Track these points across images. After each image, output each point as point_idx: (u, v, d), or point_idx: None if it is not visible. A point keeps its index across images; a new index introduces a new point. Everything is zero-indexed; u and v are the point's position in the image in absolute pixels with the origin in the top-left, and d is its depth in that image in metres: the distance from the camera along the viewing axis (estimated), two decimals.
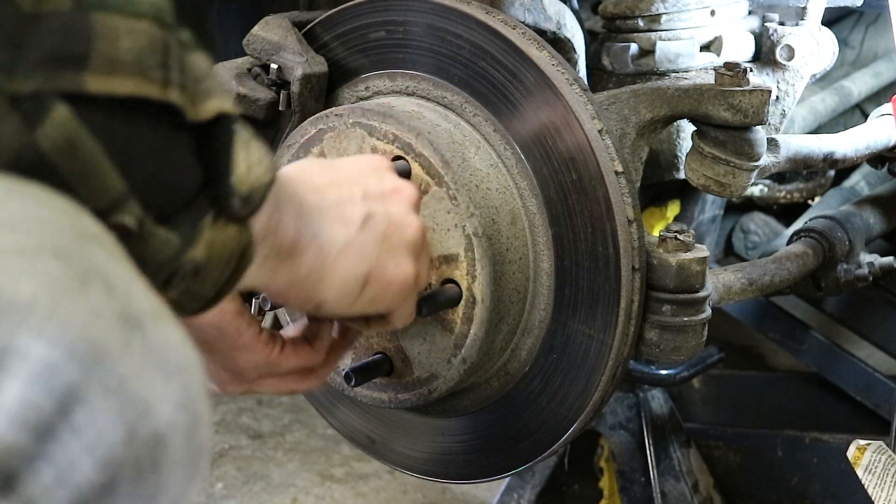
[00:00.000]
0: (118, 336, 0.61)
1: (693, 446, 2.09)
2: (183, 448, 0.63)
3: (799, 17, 1.58)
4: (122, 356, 0.61)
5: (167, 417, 0.62)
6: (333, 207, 1.06)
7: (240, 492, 2.37)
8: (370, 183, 1.12)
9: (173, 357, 0.64)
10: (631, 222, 1.27)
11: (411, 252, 1.13)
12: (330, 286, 1.05)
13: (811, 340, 2.19)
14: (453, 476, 1.46)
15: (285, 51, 1.40)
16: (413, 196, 1.16)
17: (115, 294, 0.62)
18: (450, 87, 1.34)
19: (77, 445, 0.58)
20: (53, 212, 0.64)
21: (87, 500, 0.58)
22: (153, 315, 0.64)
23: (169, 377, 0.63)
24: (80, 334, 0.59)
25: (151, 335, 0.63)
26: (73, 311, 0.60)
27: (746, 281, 1.49)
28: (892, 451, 1.47)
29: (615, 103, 1.39)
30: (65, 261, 0.61)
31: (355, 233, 1.07)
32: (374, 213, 1.10)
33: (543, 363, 1.33)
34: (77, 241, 0.63)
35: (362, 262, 1.07)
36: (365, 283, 1.08)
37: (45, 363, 0.57)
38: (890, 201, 1.83)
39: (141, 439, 0.60)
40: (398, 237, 1.11)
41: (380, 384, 1.35)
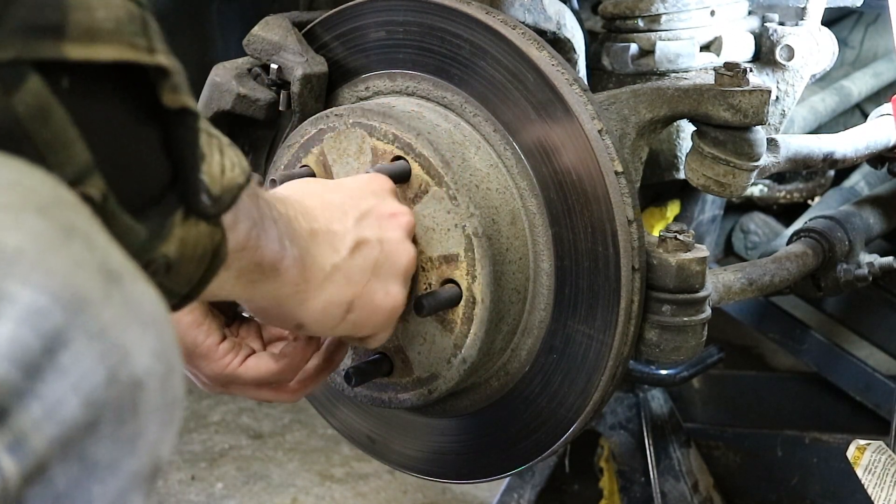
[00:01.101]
0: (99, 286, 0.64)
1: (693, 446, 2.09)
2: (159, 394, 0.66)
3: (799, 18, 1.58)
4: (103, 305, 0.64)
5: (145, 364, 0.65)
6: (324, 232, 1.07)
7: (240, 492, 2.37)
8: (367, 206, 1.13)
9: (149, 310, 0.68)
10: (631, 222, 1.27)
11: (402, 279, 1.15)
12: (312, 309, 1.06)
13: (811, 340, 2.19)
14: (453, 476, 1.46)
15: (285, 51, 1.40)
16: (409, 222, 1.18)
17: (95, 249, 0.66)
18: (450, 87, 1.34)
19: (63, 384, 0.61)
20: (34, 180, 0.67)
21: (73, 436, 0.62)
22: (130, 272, 0.68)
23: (145, 327, 0.66)
24: (64, 283, 0.62)
25: (129, 288, 0.67)
26: (58, 262, 0.63)
27: (746, 281, 1.49)
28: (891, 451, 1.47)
29: (615, 103, 1.39)
30: (48, 217, 0.64)
31: (344, 258, 1.08)
32: (367, 240, 1.11)
33: (543, 363, 1.33)
34: (58, 205, 0.66)
35: (348, 288, 1.08)
36: (349, 309, 1.09)
37: (32, 307, 0.61)
38: (890, 201, 1.83)
39: (121, 382, 0.64)
40: (390, 265, 1.13)
41: (380, 384, 1.35)
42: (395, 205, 1.18)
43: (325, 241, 1.07)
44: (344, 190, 1.15)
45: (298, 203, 1.07)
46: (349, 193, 1.14)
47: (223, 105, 1.40)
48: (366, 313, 1.11)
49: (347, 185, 1.16)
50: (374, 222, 1.13)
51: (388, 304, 1.13)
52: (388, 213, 1.15)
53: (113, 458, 0.64)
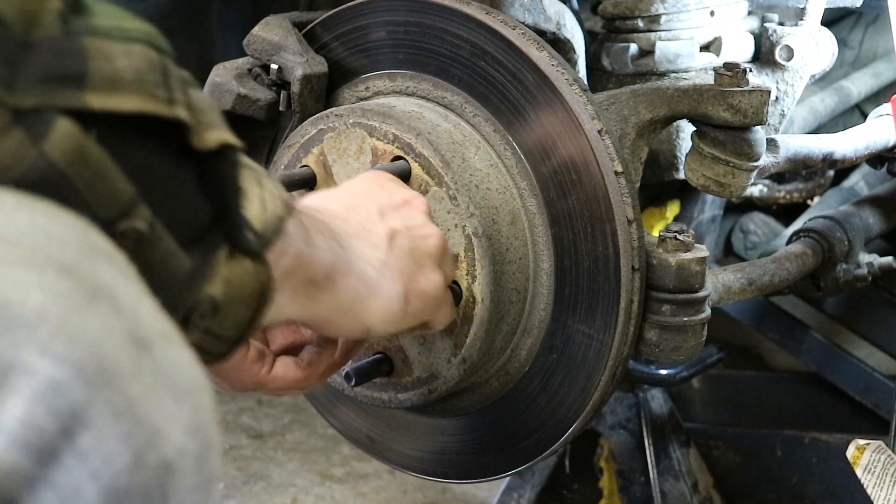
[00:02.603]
0: (127, 356, 0.58)
1: (693, 446, 2.09)
2: (193, 476, 0.60)
3: (798, 18, 1.58)
4: (132, 377, 0.58)
5: (177, 443, 0.59)
6: (360, 230, 1.06)
7: (240, 492, 2.37)
8: (382, 198, 1.13)
9: (183, 379, 0.62)
10: (630, 222, 1.27)
11: (436, 261, 1.14)
12: (375, 310, 1.05)
13: (810, 340, 2.19)
14: (453, 476, 1.46)
15: (285, 51, 1.40)
16: (424, 204, 1.17)
17: (122, 313, 0.60)
18: (450, 87, 1.34)
19: (81, 471, 0.55)
20: (61, 227, 0.62)
21: None
22: (162, 335, 0.62)
23: (179, 401, 0.60)
24: (88, 352, 0.56)
25: (160, 356, 0.61)
26: (83, 328, 0.57)
27: (746, 281, 1.49)
28: (891, 451, 1.47)
29: (615, 103, 1.39)
30: (71, 277, 0.58)
31: (386, 252, 1.07)
32: (397, 230, 1.10)
33: (543, 363, 1.33)
34: (84, 257, 0.61)
35: (399, 279, 1.08)
36: (406, 301, 1.08)
37: (50, 381, 0.55)
38: (889, 201, 1.83)
39: (149, 467, 0.58)
40: (423, 250, 1.12)
41: (380, 384, 1.35)
42: (403, 191, 1.17)
43: (364, 241, 1.06)
44: (354, 190, 1.14)
45: (327, 209, 1.06)
46: (360, 193, 1.13)
47: (223, 105, 1.40)
48: (420, 302, 1.10)
49: (354, 185, 1.16)
50: (394, 213, 1.12)
51: (431, 288, 1.12)
52: (402, 201, 1.15)
53: None
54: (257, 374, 1.13)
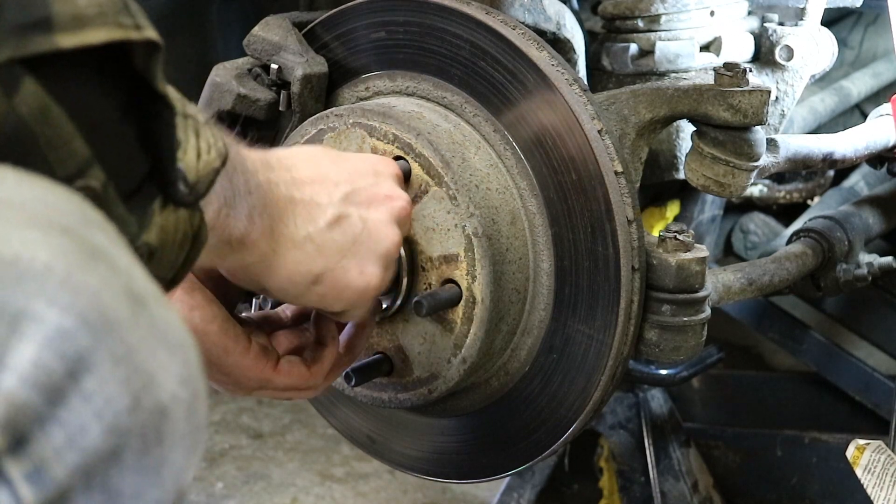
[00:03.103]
0: (126, 309, 0.63)
1: (693, 446, 2.09)
2: (184, 422, 0.65)
3: (798, 18, 1.58)
4: (130, 328, 0.62)
5: (170, 390, 0.64)
6: (306, 202, 1.06)
7: (240, 491, 2.37)
8: (360, 185, 1.12)
9: (174, 334, 0.66)
10: (630, 222, 1.27)
11: (381, 262, 1.12)
12: (276, 276, 1.06)
13: (810, 340, 2.19)
14: (453, 476, 1.46)
15: (285, 51, 1.40)
16: (402, 208, 1.16)
17: (119, 272, 0.64)
18: (450, 87, 1.34)
19: (86, 410, 0.59)
20: (59, 198, 0.66)
21: (95, 465, 0.60)
22: (154, 295, 0.67)
23: (171, 352, 0.65)
24: (91, 303, 0.61)
25: (155, 312, 0.65)
26: (85, 282, 0.61)
27: (746, 281, 1.49)
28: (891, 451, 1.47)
29: (615, 104, 1.39)
30: (72, 237, 0.63)
31: (320, 229, 1.07)
32: (349, 216, 1.09)
33: (543, 363, 1.33)
34: (82, 223, 0.65)
35: (318, 259, 1.07)
36: (315, 281, 1.08)
37: (58, 329, 0.59)
38: (889, 201, 1.83)
39: (146, 409, 0.62)
40: (370, 244, 1.11)
41: (380, 384, 1.35)
42: (393, 188, 1.16)
43: (303, 210, 1.06)
44: (345, 164, 1.14)
45: (290, 169, 1.07)
46: (349, 168, 1.13)
47: (223, 105, 1.40)
48: (335, 289, 1.09)
49: (352, 161, 1.15)
50: (363, 201, 1.12)
51: (362, 283, 1.11)
52: (383, 195, 1.14)
53: (137, 488, 0.62)
54: (262, 371, 1.13)
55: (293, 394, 1.18)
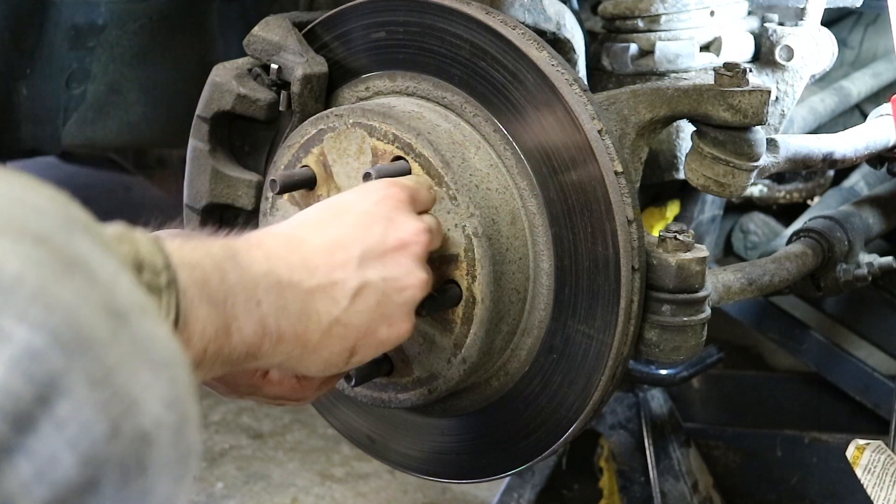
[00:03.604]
0: (104, 325, 0.58)
1: (693, 446, 2.09)
2: (170, 448, 0.60)
3: (798, 18, 1.58)
4: (109, 346, 0.57)
5: (154, 415, 0.59)
6: (325, 284, 1.02)
7: (240, 491, 2.37)
8: (373, 239, 1.08)
9: (159, 352, 0.61)
10: (630, 222, 1.27)
11: (407, 311, 1.10)
12: (312, 364, 1.03)
13: (810, 340, 2.19)
14: (453, 476, 1.46)
15: (285, 51, 1.40)
16: (420, 244, 1.11)
17: (98, 284, 0.59)
18: (450, 87, 1.34)
19: (58, 439, 0.54)
20: (40, 198, 0.61)
21: (68, 499, 0.54)
22: (138, 308, 0.61)
23: (156, 372, 0.60)
24: (65, 320, 0.56)
25: (137, 328, 0.60)
26: (59, 296, 0.56)
27: (746, 281, 1.49)
28: (891, 451, 1.47)
29: (615, 104, 1.39)
30: (48, 246, 0.57)
31: (345, 308, 1.04)
32: (369, 283, 1.06)
33: (543, 363, 1.33)
34: (61, 228, 0.60)
35: (350, 335, 1.05)
36: (352, 353, 1.06)
37: (27, 348, 0.54)
38: (889, 201, 1.83)
39: (126, 437, 0.57)
40: (394, 303, 1.08)
41: (380, 384, 1.35)
42: (404, 228, 1.11)
43: (323, 297, 1.02)
44: (352, 215, 1.09)
45: (299, 248, 1.03)
46: (356, 220, 1.08)
47: (223, 105, 1.40)
48: (371, 350, 1.08)
49: (357, 206, 1.10)
50: (377, 260, 1.08)
51: (394, 337, 1.10)
52: (395, 243, 1.09)
53: None
54: (251, 378, 1.11)
55: (284, 402, 1.17)
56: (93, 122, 1.90)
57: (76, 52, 1.82)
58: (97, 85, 1.87)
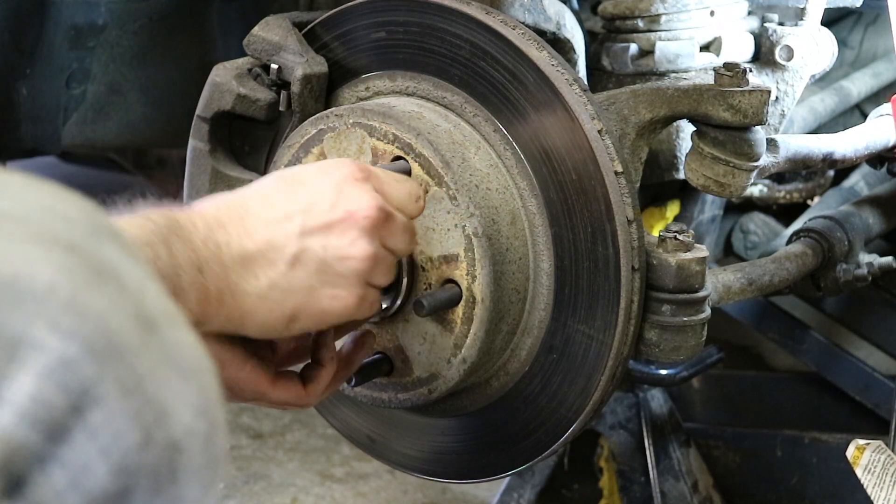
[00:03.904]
0: (136, 334, 0.58)
1: (693, 446, 2.09)
2: (201, 456, 0.60)
3: (798, 18, 1.58)
4: (140, 355, 0.57)
5: (185, 423, 0.59)
6: (262, 250, 1.03)
7: (240, 491, 2.37)
8: (319, 209, 1.07)
9: (188, 359, 0.61)
10: (630, 222, 1.27)
11: (353, 282, 1.09)
12: (252, 327, 1.04)
13: (810, 340, 2.19)
14: (453, 476, 1.46)
15: (285, 51, 1.40)
16: (368, 219, 1.08)
17: (128, 292, 0.59)
18: (450, 87, 1.34)
19: (91, 448, 0.54)
20: (68, 206, 0.61)
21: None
22: (167, 316, 0.61)
23: (186, 380, 0.60)
24: (97, 328, 0.56)
25: (168, 336, 0.60)
26: (91, 304, 0.56)
27: (746, 281, 1.49)
28: (891, 451, 1.47)
29: (615, 104, 1.39)
30: (78, 254, 0.58)
31: (283, 273, 1.04)
32: (308, 249, 1.05)
33: (543, 363, 1.33)
34: (91, 236, 0.60)
35: (288, 301, 1.05)
36: (291, 319, 1.06)
37: (60, 357, 0.54)
38: (889, 201, 1.83)
39: (158, 445, 0.57)
40: (336, 270, 1.07)
41: (380, 384, 1.35)
42: (354, 201, 1.09)
43: (261, 259, 1.03)
44: (300, 189, 1.08)
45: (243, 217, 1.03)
46: (305, 194, 1.08)
47: (223, 105, 1.40)
48: (313, 319, 1.08)
49: (309, 181, 1.09)
50: (321, 227, 1.07)
51: (338, 307, 1.08)
52: (343, 214, 1.08)
53: None
54: (257, 385, 1.11)
55: (288, 406, 1.17)
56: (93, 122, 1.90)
57: (76, 52, 1.82)
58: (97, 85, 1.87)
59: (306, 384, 1.15)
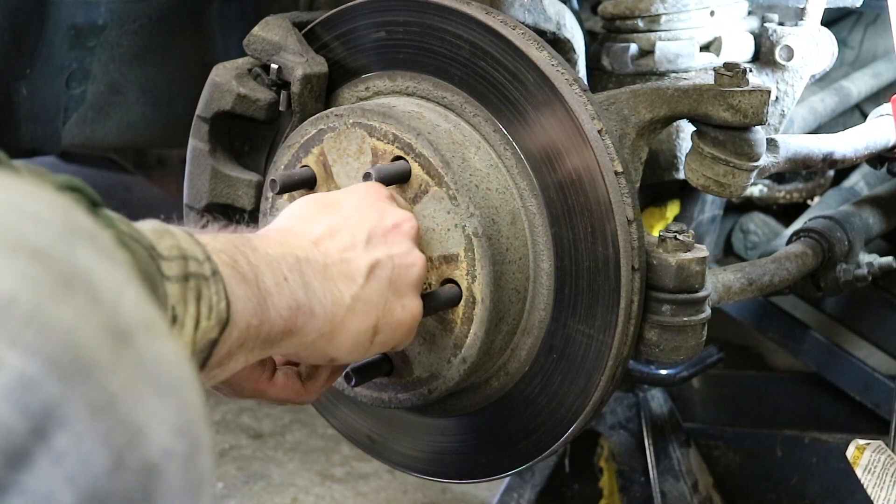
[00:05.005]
0: (106, 348, 0.53)
1: (693, 446, 2.09)
2: (180, 479, 0.55)
3: (798, 18, 1.58)
4: (111, 371, 0.53)
5: (162, 443, 0.54)
6: (338, 262, 1.05)
7: (240, 491, 2.37)
8: (371, 222, 1.11)
9: (168, 374, 0.57)
10: (631, 222, 1.27)
11: (415, 289, 1.14)
12: (342, 344, 1.05)
13: (810, 340, 2.19)
14: (453, 476, 1.46)
15: (285, 51, 1.40)
16: (412, 227, 1.17)
17: (100, 302, 0.54)
18: (450, 87, 1.34)
19: (56, 475, 0.50)
20: (41, 205, 0.56)
21: None
22: (145, 326, 0.57)
23: (163, 397, 0.55)
24: (63, 343, 0.51)
25: (142, 349, 0.56)
26: (57, 317, 0.51)
27: (746, 281, 1.49)
28: (891, 451, 1.47)
29: (615, 104, 1.39)
30: (45, 261, 0.53)
31: (362, 286, 1.07)
32: (379, 261, 1.09)
33: (543, 363, 1.33)
34: (63, 239, 0.55)
35: (371, 313, 1.07)
36: (375, 332, 1.09)
37: (20, 376, 0.50)
38: (889, 201, 1.83)
39: (131, 469, 0.53)
40: (404, 279, 1.12)
41: (380, 384, 1.35)
42: (395, 213, 1.17)
43: (340, 274, 1.05)
44: (346, 206, 1.13)
45: (307, 234, 1.06)
46: (350, 213, 1.12)
47: (223, 105, 1.40)
48: (390, 332, 1.11)
49: (348, 199, 1.15)
50: (380, 240, 1.12)
51: (408, 317, 1.13)
52: (391, 225, 1.14)
53: None
54: (257, 383, 1.12)
55: (287, 402, 1.18)
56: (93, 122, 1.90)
57: (76, 52, 1.82)
58: (97, 85, 1.87)
59: (305, 381, 1.16)
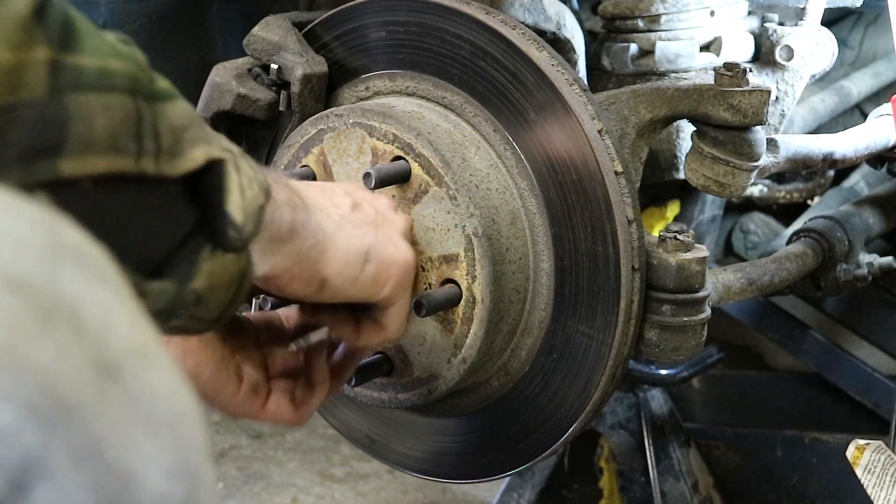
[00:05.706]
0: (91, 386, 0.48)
1: (693, 446, 2.09)
2: None
3: (798, 18, 1.58)
4: (96, 413, 0.48)
5: (155, 490, 0.50)
6: (321, 200, 1.08)
7: (240, 491, 2.37)
8: (356, 190, 1.16)
9: (162, 408, 0.52)
10: (631, 222, 1.27)
11: (403, 237, 1.16)
12: (333, 258, 1.06)
13: (811, 340, 2.19)
14: (453, 476, 1.46)
15: (285, 51, 1.40)
16: (403, 222, 1.19)
17: (85, 333, 0.50)
18: (450, 87, 1.34)
19: None
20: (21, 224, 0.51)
21: None
22: (137, 356, 0.52)
23: (157, 436, 0.51)
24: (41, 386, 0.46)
25: (133, 383, 0.51)
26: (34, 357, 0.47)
27: (746, 281, 1.49)
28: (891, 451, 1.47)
29: (615, 103, 1.39)
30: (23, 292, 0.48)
31: (347, 213, 1.09)
32: (361, 202, 1.13)
33: (543, 363, 1.33)
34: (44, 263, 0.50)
35: (360, 236, 1.09)
36: (366, 257, 1.09)
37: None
38: (889, 201, 1.83)
39: None
40: (389, 224, 1.15)
41: (380, 384, 1.35)
42: (380, 197, 1.20)
43: (325, 206, 1.08)
44: (334, 184, 1.17)
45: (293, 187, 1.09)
46: (341, 186, 1.16)
47: (223, 105, 1.40)
48: (383, 266, 1.11)
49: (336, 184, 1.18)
50: (367, 198, 1.15)
51: (401, 257, 1.13)
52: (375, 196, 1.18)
53: None
54: (250, 408, 1.12)
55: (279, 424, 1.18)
56: None
57: None
58: None
59: (298, 406, 1.15)
